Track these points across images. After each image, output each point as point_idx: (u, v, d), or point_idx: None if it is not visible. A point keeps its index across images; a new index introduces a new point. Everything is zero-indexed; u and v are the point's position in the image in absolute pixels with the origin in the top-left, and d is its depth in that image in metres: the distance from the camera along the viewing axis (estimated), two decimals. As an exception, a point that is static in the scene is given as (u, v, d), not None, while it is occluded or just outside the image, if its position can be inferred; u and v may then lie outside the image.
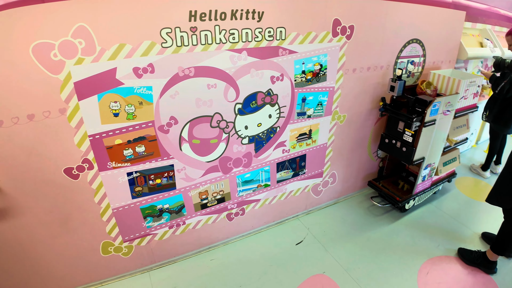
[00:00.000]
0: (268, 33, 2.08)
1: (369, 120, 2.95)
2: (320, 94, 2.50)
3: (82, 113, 1.83)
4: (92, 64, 1.74)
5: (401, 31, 2.69)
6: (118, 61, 1.78)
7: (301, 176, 2.82)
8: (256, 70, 2.15)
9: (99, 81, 1.79)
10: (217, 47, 1.97)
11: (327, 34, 2.30)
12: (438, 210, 3.17)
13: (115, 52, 1.76)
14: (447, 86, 2.80)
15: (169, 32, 1.82)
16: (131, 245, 2.37)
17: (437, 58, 3.11)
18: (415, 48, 2.87)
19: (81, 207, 2.09)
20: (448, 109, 2.68)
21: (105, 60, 1.76)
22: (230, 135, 2.28)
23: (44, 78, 1.67)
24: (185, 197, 2.35)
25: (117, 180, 2.09)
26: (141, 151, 2.06)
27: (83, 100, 1.80)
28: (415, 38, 2.81)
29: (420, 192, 3.02)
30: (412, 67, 2.95)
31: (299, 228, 2.90)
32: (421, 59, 2.98)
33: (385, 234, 2.85)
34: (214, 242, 2.69)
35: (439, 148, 2.90)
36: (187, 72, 1.95)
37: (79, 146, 1.91)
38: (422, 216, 3.09)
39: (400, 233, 2.87)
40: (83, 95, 1.79)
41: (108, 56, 1.75)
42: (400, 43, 2.74)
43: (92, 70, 1.75)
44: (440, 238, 2.84)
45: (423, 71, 3.06)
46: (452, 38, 3.15)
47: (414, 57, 2.91)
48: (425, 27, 2.84)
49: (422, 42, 2.88)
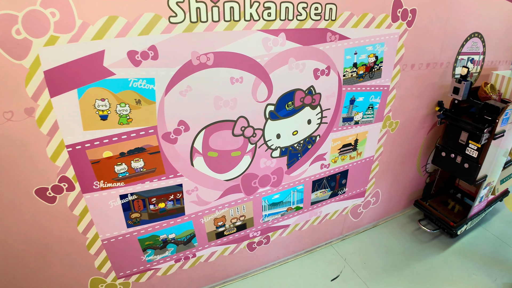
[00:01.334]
0: (314, 9, 1.42)
1: (423, 128, 2.27)
2: (372, 95, 1.83)
3: (56, 115, 1.20)
4: (70, 45, 1.11)
5: (465, 21, 2.02)
6: (106, 41, 1.15)
7: (340, 196, 2.15)
8: (296, 60, 1.49)
9: (80, 70, 1.16)
10: (247, 25, 1.32)
11: (386, 18, 1.64)
12: (490, 235, 2.48)
13: (102, 28, 1.12)
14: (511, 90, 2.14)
15: (180, 2, 1.18)
16: (127, 281, 1.72)
17: (496, 57, 2.41)
18: (476, 43, 2.19)
19: (62, 237, 1.46)
20: (517, 118, 2.02)
21: (88, 39, 1.12)
22: (257, 146, 1.63)
23: (3, 65, 1.05)
24: (196, 224, 1.69)
25: (107, 204, 1.45)
26: (138, 166, 1.41)
27: (58, 96, 1.17)
28: (477, 32, 2.13)
29: (474, 215, 2.35)
30: (471, 66, 2.27)
31: (333, 259, 2.23)
32: (480, 57, 2.29)
33: (436, 266, 2.18)
34: (230, 276, 2.03)
35: (501, 164, 2.24)
36: (203, 60, 1.30)
37: (54, 160, 1.27)
38: (474, 242, 2.41)
39: (453, 265, 2.20)
40: (57, 90, 1.16)
41: (92, 33, 1.12)
42: (462, 35, 2.07)
43: (69, 54, 1.12)
44: (497, 270, 2.18)
45: (481, 71, 2.37)
46: (509, 35, 2.47)
47: (474, 54, 2.23)
48: (487, 19, 2.16)
49: (483, 36, 2.20)
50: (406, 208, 2.69)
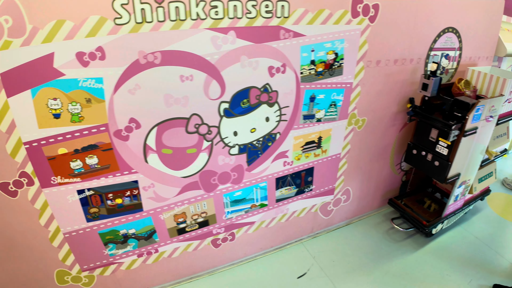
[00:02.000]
0: (265, 7, 1.52)
1: (394, 126, 2.35)
2: (333, 92, 1.92)
3: (13, 114, 1.34)
4: (22, 48, 1.24)
5: (437, 15, 2.08)
6: (55, 44, 1.27)
7: (307, 193, 2.25)
8: (249, 58, 1.60)
9: (32, 71, 1.29)
10: (193, 24, 1.43)
11: (345, 14, 1.73)
12: (469, 235, 2.55)
13: (51, 31, 1.25)
14: (489, 86, 2.19)
15: (125, 4, 1.29)
16: (92, 274, 1.86)
17: (475, 53, 2.47)
18: (451, 39, 2.25)
19: (25, 231, 1.61)
20: (491, 115, 2.08)
21: (38, 42, 1.25)
22: (213, 143, 1.74)
23: None
24: (156, 220, 1.82)
25: (66, 199, 1.58)
26: (93, 163, 1.54)
27: (13, 96, 1.31)
28: (451, 27, 2.19)
29: (450, 214, 2.42)
30: (446, 62, 2.33)
31: (303, 256, 2.33)
32: (456, 52, 2.35)
33: (408, 266, 2.27)
34: (196, 272, 2.16)
35: (477, 162, 2.31)
36: (151, 59, 1.42)
37: (14, 156, 1.41)
38: (450, 242, 2.48)
39: (425, 265, 2.28)
40: (12, 90, 1.30)
41: (42, 37, 1.25)
42: (434, 31, 2.14)
43: (22, 57, 1.26)
44: (473, 271, 2.26)
45: (458, 67, 2.43)
46: (491, 31, 2.52)
47: (449, 50, 2.29)
48: (463, 14, 2.22)
49: (459, 32, 2.25)
50: (381, 207, 2.78)
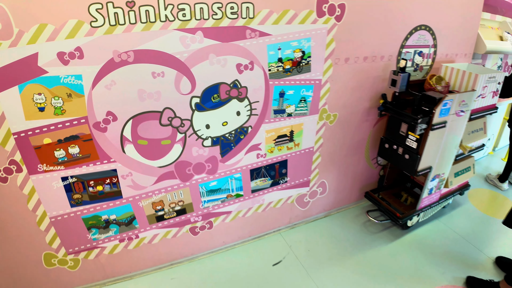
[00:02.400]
0: (230, 9, 1.71)
1: (367, 121, 2.51)
2: (303, 88, 2.10)
3: (2, 107, 1.55)
4: (10, 49, 1.45)
5: (407, 14, 2.24)
6: (39, 45, 1.48)
7: (282, 185, 2.43)
8: (217, 56, 1.79)
9: (19, 70, 1.50)
10: (163, 25, 1.62)
11: (310, 13, 1.90)
12: (446, 228, 2.70)
13: (35, 34, 1.46)
14: (462, 82, 2.34)
15: (100, 9, 1.49)
16: (77, 258, 2.08)
17: (451, 50, 2.61)
18: (424, 36, 2.39)
19: (15, 215, 1.83)
20: (463, 110, 2.21)
21: (24, 44, 1.46)
22: (187, 135, 1.93)
23: None
24: (135, 207, 2.02)
25: (51, 185, 1.80)
26: (75, 152, 1.75)
27: (3, 92, 1.52)
28: (423, 25, 2.34)
29: (425, 207, 2.56)
30: (420, 59, 2.47)
31: (279, 246, 2.51)
32: (431, 50, 2.50)
33: (382, 257, 2.43)
34: (177, 259, 2.36)
35: (450, 156, 2.44)
36: (124, 57, 1.62)
37: (3, 145, 1.63)
38: (427, 235, 2.63)
39: (400, 256, 2.44)
40: (1, 86, 1.51)
41: (27, 39, 1.46)
42: (405, 29, 2.29)
43: (10, 57, 1.47)
44: (447, 263, 2.40)
45: (433, 64, 2.58)
46: (468, 28, 2.66)
47: (422, 47, 2.44)
48: (436, 12, 2.37)
49: (432, 29, 2.40)
50: (360, 200, 2.95)
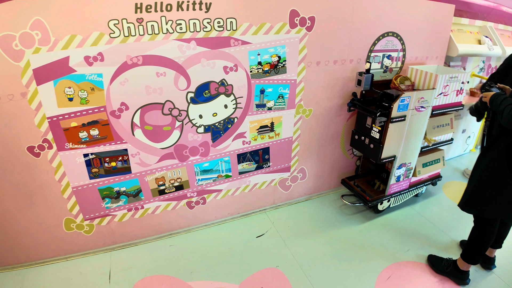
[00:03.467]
0: (217, 23, 2.28)
1: (340, 116, 3.06)
2: (280, 87, 2.66)
3: (40, 97, 2.15)
4: (48, 53, 2.05)
5: (373, 23, 2.78)
6: (70, 50, 2.08)
7: (265, 169, 3.00)
8: (207, 60, 2.37)
9: (55, 68, 2.10)
10: (164, 37, 2.21)
11: (284, 26, 2.46)
12: (417, 214, 3.20)
13: (67, 42, 2.05)
14: (425, 82, 2.83)
15: (117, 23, 2.09)
16: (92, 223, 2.68)
17: (421, 53, 3.13)
18: (392, 41, 2.92)
19: (44, 184, 2.42)
20: (423, 106, 2.72)
21: (59, 49, 2.06)
22: (184, 123, 2.52)
23: (7, 65, 2.01)
24: (141, 181, 2.62)
25: (75, 160, 2.40)
26: (95, 134, 2.35)
27: (41, 85, 2.11)
28: (391, 31, 2.87)
29: (396, 194, 3.07)
30: (389, 61, 3.00)
31: (264, 222, 3.08)
32: (400, 53, 3.02)
33: (352, 234, 2.95)
34: (175, 229, 2.95)
35: (415, 147, 2.94)
36: (135, 61, 2.21)
37: (39, 126, 2.23)
38: (397, 218, 3.14)
39: (368, 234, 2.95)
40: (41, 81, 2.10)
41: (61, 46, 2.05)
42: (372, 36, 2.83)
43: (48, 59, 2.06)
44: (413, 243, 2.87)
45: (403, 66, 3.10)
46: (438, 33, 3.17)
47: (391, 51, 2.97)
48: (403, 20, 2.89)
49: (400, 35, 2.93)
50: (338, 187, 3.49)
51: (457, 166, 4.10)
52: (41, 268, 2.66)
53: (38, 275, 2.59)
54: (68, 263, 2.71)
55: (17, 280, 2.55)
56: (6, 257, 2.60)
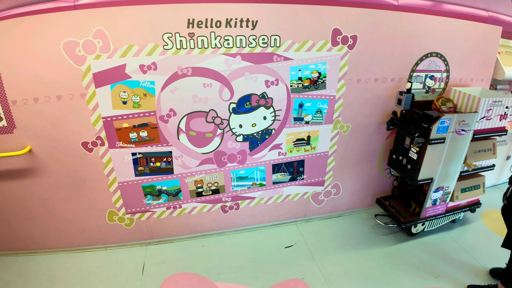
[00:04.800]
0: (262, 40, 2.47)
1: (379, 134, 3.11)
2: (319, 102, 2.79)
3: (98, 99, 2.44)
4: (107, 60, 2.34)
5: (416, 43, 2.82)
6: (127, 58, 2.35)
7: (299, 181, 3.12)
8: (250, 74, 2.56)
9: (112, 74, 2.38)
10: (213, 51, 2.42)
11: (326, 43, 2.59)
12: (451, 241, 3.15)
13: (125, 51, 2.33)
14: (467, 105, 2.82)
15: (170, 37, 2.33)
16: (132, 217, 2.94)
17: (465, 75, 3.11)
18: (435, 62, 2.95)
19: (93, 177, 2.72)
20: (463, 129, 2.71)
21: (117, 57, 2.34)
22: (224, 131, 2.72)
23: (71, 68, 2.32)
24: (182, 182, 2.85)
25: (123, 158, 2.68)
26: (144, 135, 2.61)
27: (99, 88, 2.41)
28: (434, 52, 2.90)
29: (431, 217, 3.06)
30: (432, 82, 3.02)
31: (294, 233, 3.19)
32: (443, 74, 3.03)
33: (382, 255, 2.97)
34: (208, 230, 3.15)
35: (454, 171, 2.92)
36: (185, 71, 2.45)
37: (94, 125, 2.53)
38: (430, 243, 3.11)
39: (399, 256, 2.95)
40: (99, 84, 2.40)
41: (119, 54, 2.33)
42: (415, 56, 2.87)
43: (107, 65, 2.35)
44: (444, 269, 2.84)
45: (446, 87, 3.10)
46: (484, 55, 3.14)
47: (434, 72, 2.99)
48: (448, 40, 2.91)
49: (444, 56, 2.94)
50: (372, 206, 3.51)
51: (499, 194, 3.96)
52: (80, 254, 2.98)
53: (77, 261, 2.92)
54: (106, 252, 3.01)
55: (57, 263, 2.90)
56: (51, 240, 2.94)
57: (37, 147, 2.54)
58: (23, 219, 2.80)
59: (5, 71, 2.28)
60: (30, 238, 2.91)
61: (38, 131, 2.48)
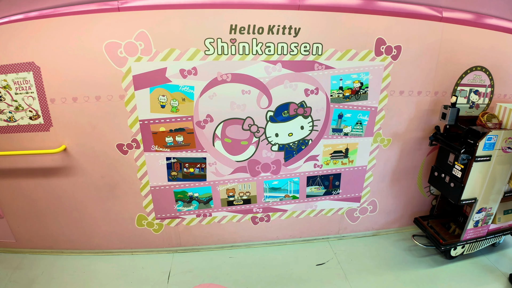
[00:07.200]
0: (304, 47, 2.46)
1: (420, 150, 3.01)
2: (359, 113, 2.74)
3: (136, 101, 2.49)
4: (148, 62, 2.38)
5: (461, 56, 2.75)
6: (168, 62, 2.39)
7: (334, 196, 3.05)
8: (290, 82, 2.54)
9: (152, 77, 2.42)
10: (253, 57, 2.43)
11: (369, 53, 2.56)
12: (491, 266, 2.98)
13: (166, 54, 2.37)
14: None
15: (212, 42, 2.36)
16: (161, 223, 2.95)
17: (510, 91, 2.99)
18: (480, 76, 2.85)
19: (126, 179, 2.76)
20: (510, 147, 2.60)
21: (158, 60, 2.38)
22: (260, 139, 2.70)
23: (111, 69, 2.38)
24: (214, 190, 2.84)
25: (158, 162, 2.69)
26: (180, 140, 2.63)
27: (138, 90, 2.45)
28: (479, 66, 2.81)
29: (471, 240, 2.92)
30: (476, 97, 2.92)
31: (326, 251, 3.10)
32: (488, 89, 2.94)
33: (419, 278, 2.83)
34: (237, 241, 3.10)
35: (498, 191, 2.78)
36: (224, 78, 2.46)
37: (131, 127, 2.57)
38: (469, 268, 2.95)
39: (436, 280, 2.81)
40: (138, 86, 2.44)
41: (160, 57, 2.38)
42: (460, 69, 2.79)
43: (147, 67, 2.40)
44: None
45: (490, 103, 2.99)
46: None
47: (478, 87, 2.89)
48: (493, 54, 2.82)
49: (488, 70, 2.85)
50: (409, 225, 3.37)
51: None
52: (107, 257, 3.01)
53: (103, 263, 2.94)
54: (133, 256, 3.02)
55: (84, 263, 2.94)
56: (79, 241, 2.99)
57: (73, 147, 2.61)
58: (54, 217, 2.87)
59: (46, 69, 2.37)
60: (59, 237, 2.97)
61: (75, 130, 2.55)
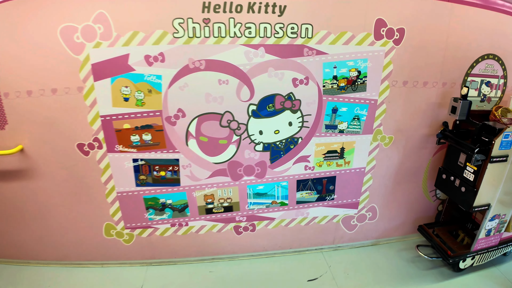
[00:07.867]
0: (291, 29, 2.10)
1: (426, 149, 2.66)
2: (357, 107, 2.38)
3: (96, 94, 2.15)
4: (108, 48, 2.04)
5: (472, 42, 2.41)
6: (131, 47, 2.05)
7: (328, 202, 2.70)
8: (275, 70, 2.18)
9: (113, 65, 2.08)
10: (231, 40, 2.07)
11: (368, 36, 2.20)
12: (501, 276, 2.65)
13: (129, 38, 2.02)
14: (534, 117, 2.37)
15: (181, 23, 2.01)
16: (132, 233, 2.60)
17: (526, 82, 2.64)
18: (492, 66, 2.50)
19: (90, 184, 2.42)
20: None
21: (119, 45, 2.04)
22: (241, 138, 2.35)
23: (67, 57, 2.04)
24: (189, 196, 2.48)
25: (123, 164, 2.35)
26: (147, 139, 2.28)
27: (98, 81, 2.11)
28: (491, 54, 2.46)
29: (482, 250, 2.58)
30: (487, 89, 2.57)
31: (319, 264, 2.75)
32: (500, 80, 2.58)
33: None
34: (218, 254, 2.76)
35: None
36: (197, 65, 2.10)
37: (91, 124, 2.22)
38: (479, 281, 2.61)
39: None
40: (98, 77, 2.10)
41: (122, 42, 2.03)
42: (470, 57, 2.45)
43: (107, 54, 2.05)
44: None
45: (503, 96, 2.64)
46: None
47: (490, 77, 2.54)
48: (506, 41, 2.47)
49: (501, 59, 2.50)
50: (412, 233, 3.01)
51: None
52: (75, 269, 2.70)
53: (70, 276, 2.64)
54: (103, 269, 2.71)
55: (49, 276, 2.63)
56: (45, 251, 2.67)
57: (30, 146, 2.28)
58: (16, 223, 2.55)
59: (-2, 59, 2.03)
60: (23, 246, 2.66)
61: (31, 128, 2.23)
